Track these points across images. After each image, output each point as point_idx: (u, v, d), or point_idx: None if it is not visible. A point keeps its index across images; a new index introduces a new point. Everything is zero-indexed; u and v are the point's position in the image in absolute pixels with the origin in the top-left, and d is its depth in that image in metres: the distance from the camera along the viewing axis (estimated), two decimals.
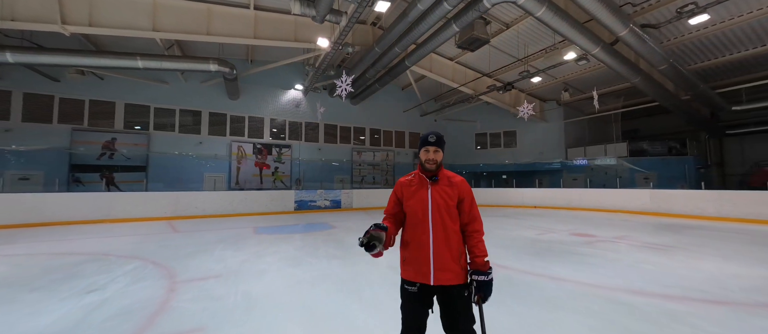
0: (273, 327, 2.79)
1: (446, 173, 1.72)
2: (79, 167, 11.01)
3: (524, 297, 3.42)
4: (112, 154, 11.50)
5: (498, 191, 15.20)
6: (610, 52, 9.11)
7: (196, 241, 6.63)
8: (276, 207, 11.83)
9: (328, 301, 3.39)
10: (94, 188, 11.01)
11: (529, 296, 3.46)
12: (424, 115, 18.95)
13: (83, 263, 4.84)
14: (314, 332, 2.72)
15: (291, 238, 7.01)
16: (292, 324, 2.86)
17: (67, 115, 11.03)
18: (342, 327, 2.81)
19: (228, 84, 12.03)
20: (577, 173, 16.23)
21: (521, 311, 3.06)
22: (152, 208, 9.88)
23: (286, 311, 3.14)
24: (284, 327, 2.80)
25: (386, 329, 2.73)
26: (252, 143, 14.14)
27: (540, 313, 3.05)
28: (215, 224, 9.21)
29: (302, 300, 3.41)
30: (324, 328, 2.78)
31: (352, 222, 9.54)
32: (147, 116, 12.28)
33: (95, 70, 10.64)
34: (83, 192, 9.49)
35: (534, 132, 17.76)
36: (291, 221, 9.93)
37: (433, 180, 1.67)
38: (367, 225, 1.66)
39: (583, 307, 3.18)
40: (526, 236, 7.13)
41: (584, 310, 3.11)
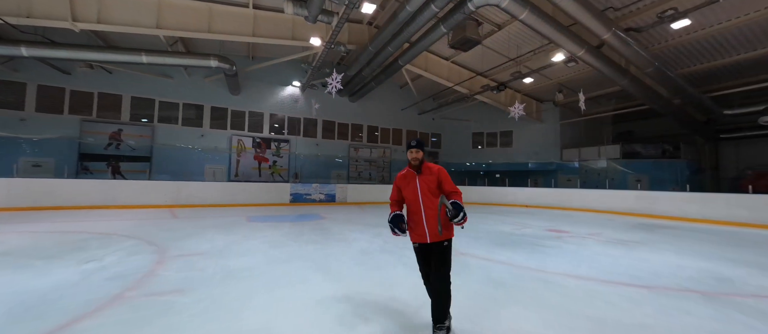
0: (242, 290, 3.23)
1: (427, 165, 2.41)
2: (88, 156, 11.66)
3: (474, 278, 3.81)
4: (118, 145, 12.13)
5: (492, 190, 15.49)
6: (596, 55, 9.34)
7: (191, 225, 7.13)
8: (272, 199, 12.34)
9: (296, 273, 3.82)
10: (101, 177, 11.65)
11: (477, 277, 3.84)
12: (421, 113, 19.26)
13: (88, 240, 5.36)
14: (276, 292, 3.16)
15: (280, 225, 7.47)
16: (259, 288, 3.30)
17: (77, 106, 11.67)
18: (300, 291, 3.24)
19: (229, 80, 12.54)
20: (572, 173, 16.41)
21: (470, 288, 3.44)
22: (155, 196, 10.46)
23: (257, 279, 3.58)
24: (252, 289, 3.24)
25: (338, 295, 3.15)
26: (252, 137, 14.67)
27: (484, 289, 3.43)
28: (213, 212, 9.73)
29: (274, 272, 3.85)
30: (286, 292, 3.21)
31: (342, 215, 9.98)
32: (152, 109, 12.87)
33: (103, 65, 11.22)
34: (91, 179, 10.11)
35: (530, 132, 17.95)
36: (285, 212, 10.41)
37: (419, 173, 2.39)
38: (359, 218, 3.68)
39: (523, 286, 3.56)
40: (501, 230, 7.46)
41: (522, 288, 3.48)
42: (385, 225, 7.88)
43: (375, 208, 12.24)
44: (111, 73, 12.19)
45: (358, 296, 3.15)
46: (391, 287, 3.37)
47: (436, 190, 2.35)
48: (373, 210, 11.52)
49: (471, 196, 15.55)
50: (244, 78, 14.06)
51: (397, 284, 3.49)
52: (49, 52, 8.44)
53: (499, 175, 17.62)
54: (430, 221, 2.29)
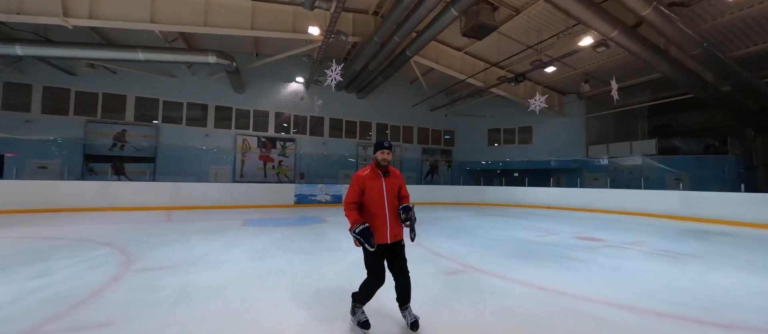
0: (188, 321, 2.55)
1: (391, 169, 2.44)
2: (93, 157, 11.59)
3: (486, 306, 2.97)
4: (123, 146, 12.01)
5: (509, 190, 14.37)
6: (633, 37, 8.14)
7: (179, 230, 6.64)
8: (276, 200, 11.84)
9: (267, 297, 3.12)
10: (106, 178, 11.54)
11: (491, 305, 3.00)
12: (433, 109, 18.33)
13: (59, 248, 4.91)
14: (229, 326, 2.46)
15: (274, 231, 6.86)
16: (211, 317, 2.61)
17: (82, 107, 11.62)
18: (264, 324, 2.52)
19: (232, 77, 12.14)
20: (599, 172, 14.99)
21: (481, 322, 2.62)
22: (154, 197, 10.17)
23: (215, 304, 2.90)
24: (201, 320, 2.56)
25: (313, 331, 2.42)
26: (257, 136, 14.27)
27: (500, 322, 2.60)
28: (210, 215, 9.30)
29: (240, 294, 3.17)
30: (245, 325, 2.51)
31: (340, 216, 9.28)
32: (156, 109, 12.70)
33: (103, 63, 11.07)
34: (92, 181, 9.95)
35: (551, 128, 16.62)
36: (286, 214, 9.84)
37: (385, 174, 2.39)
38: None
39: (550, 318, 2.69)
40: (521, 237, 6.51)
41: (549, 323, 2.62)
42: None
43: None
44: (115, 74, 12.08)
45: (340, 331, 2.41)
46: (385, 318, 2.60)
47: (399, 193, 2.46)
48: None
49: (487, 197, 14.51)
50: (247, 76, 13.67)
51: (393, 312, 2.71)
52: (44, 51, 8.25)
53: (517, 174, 16.41)
54: (392, 221, 2.36)
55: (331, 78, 7.61)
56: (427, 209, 12.01)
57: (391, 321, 2.59)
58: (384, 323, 2.56)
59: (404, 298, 2.40)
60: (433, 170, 18.42)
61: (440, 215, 10.40)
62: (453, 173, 18.92)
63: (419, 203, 14.97)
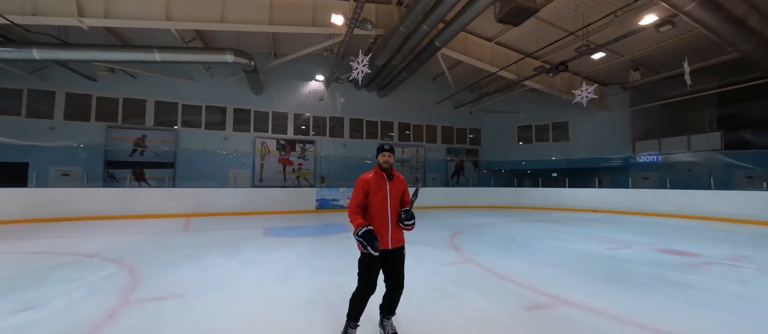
0: None
1: (396, 173, 2.44)
2: (113, 164, 11.40)
3: None
4: (143, 151, 11.77)
5: (546, 192, 13.07)
6: (712, 7, 6.84)
7: (195, 242, 6.02)
8: (297, 205, 11.20)
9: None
10: (126, 184, 11.31)
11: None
12: (458, 106, 17.25)
13: (60, 267, 4.34)
14: None
15: (298, 242, 6.12)
16: None
17: (103, 112, 11.48)
18: None
19: (249, 77, 11.65)
20: (649, 170, 13.42)
21: None
22: (174, 204, 9.75)
23: None
24: None
25: None
26: (275, 139, 13.76)
27: None
28: (230, 222, 8.74)
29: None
30: None
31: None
32: (175, 113, 12.42)
33: (117, 65, 10.82)
34: (111, 188, 9.66)
35: (591, 123, 15.15)
36: (309, 221, 9.14)
37: (390, 178, 2.36)
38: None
39: None
40: (590, 250, 5.42)
41: None
42: (434, 243, 6.27)
43: None
44: (135, 78, 11.89)
45: None
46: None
47: (402, 198, 2.40)
48: None
49: (522, 199, 13.28)
50: (266, 76, 13.18)
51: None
52: (61, 54, 7.97)
53: (556, 174, 15.03)
54: (394, 226, 2.30)
55: (357, 70, 6.83)
56: (458, 214, 10.99)
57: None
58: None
59: (390, 309, 2.33)
60: (459, 170, 17.32)
61: (476, 220, 9.36)
62: (480, 173, 17.72)
63: (447, 207, 14.05)
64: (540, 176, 15.84)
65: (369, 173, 2.36)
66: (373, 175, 2.34)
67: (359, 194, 2.28)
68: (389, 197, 2.28)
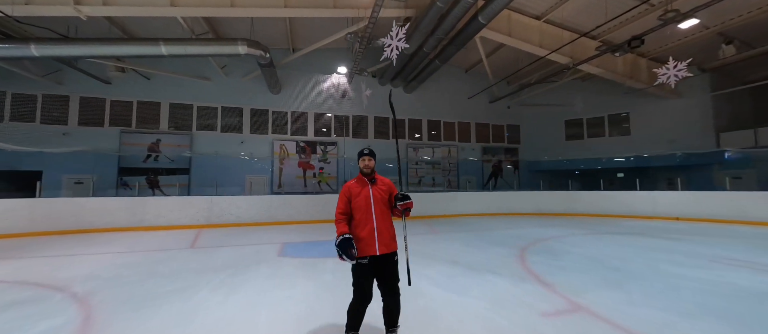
0: None
1: (378, 177, 2.40)
2: (127, 170, 10.75)
3: None
4: (157, 157, 11.06)
5: (610, 196, 10.94)
6: None
7: (196, 267, 4.81)
8: (318, 214, 9.93)
9: None
10: (140, 192, 10.60)
11: None
12: (493, 101, 15.44)
13: (4, 309, 3.22)
14: None
15: (320, 266, 4.76)
16: None
17: (117, 117, 10.91)
18: None
19: (266, 74, 10.62)
20: (741, 167, 10.94)
21: None
22: (185, 214, 8.80)
23: None
24: None
25: None
26: (295, 141, 12.67)
27: None
28: (244, 235, 7.60)
29: None
30: None
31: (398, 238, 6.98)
32: (190, 116, 11.65)
33: (120, 61, 10.13)
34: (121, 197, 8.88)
35: (658, 113, 12.83)
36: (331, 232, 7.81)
37: (372, 182, 2.34)
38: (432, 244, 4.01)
39: None
40: (745, 285, 3.61)
41: None
42: (502, 269, 4.68)
43: (448, 224, 9.01)
44: (149, 80, 11.26)
45: None
46: None
47: (388, 201, 2.33)
48: (447, 229, 8.31)
49: (579, 205, 11.24)
50: (283, 73, 12.17)
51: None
52: (59, 49, 7.23)
53: (622, 174, 12.81)
54: (381, 230, 2.22)
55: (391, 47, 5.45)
56: (505, 223, 9.24)
57: None
58: None
59: (391, 320, 2.25)
60: (497, 173, 15.44)
61: (534, 232, 7.60)
62: (521, 175, 15.74)
63: (487, 214, 12.24)
64: (595, 176, 13.63)
65: (352, 180, 2.40)
66: (355, 181, 2.38)
67: (342, 201, 2.30)
68: (372, 202, 2.25)
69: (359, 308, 2.16)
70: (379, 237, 2.18)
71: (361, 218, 2.22)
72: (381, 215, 2.23)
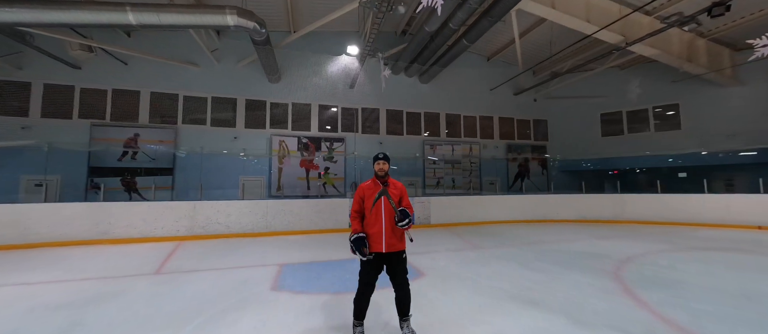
0: None
1: (391, 180, 2.54)
2: (99, 170, 9.13)
3: None
4: (135, 154, 9.45)
5: (669, 200, 9.22)
6: None
7: (147, 314, 3.16)
8: (324, 223, 8.28)
9: None
10: (114, 196, 9.00)
11: None
12: (518, 93, 13.80)
13: None
14: None
15: (334, 304, 3.11)
16: None
17: (88, 108, 9.32)
18: None
19: (263, 57, 9.02)
20: None
21: None
22: (162, 223, 7.17)
23: None
24: None
25: None
26: (296, 137, 11.05)
27: None
28: (232, 251, 5.96)
29: None
30: None
31: (436, 256, 5.32)
32: (175, 107, 10.05)
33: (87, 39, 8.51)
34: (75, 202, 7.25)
35: (714, 103, 11.14)
36: (342, 247, 6.17)
37: (385, 185, 2.48)
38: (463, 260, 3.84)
39: None
40: None
41: None
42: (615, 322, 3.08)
43: (482, 234, 7.33)
44: (127, 65, 9.68)
45: None
46: None
47: (399, 204, 2.45)
48: (486, 241, 6.63)
49: (628, 210, 9.54)
50: (284, 58, 10.58)
51: None
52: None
53: (685, 173, 11.08)
54: (388, 231, 2.36)
55: None
56: (552, 233, 7.55)
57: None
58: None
59: (403, 310, 2.41)
60: (523, 173, 13.75)
61: (604, 247, 5.91)
62: (549, 176, 14.05)
63: (520, 221, 10.44)
64: (637, 176, 11.94)
65: (367, 181, 2.56)
66: (370, 183, 2.53)
67: (356, 200, 2.49)
68: (383, 205, 2.39)
69: (363, 298, 2.37)
70: (387, 237, 2.36)
71: (371, 218, 2.41)
72: (390, 217, 2.37)
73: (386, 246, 2.34)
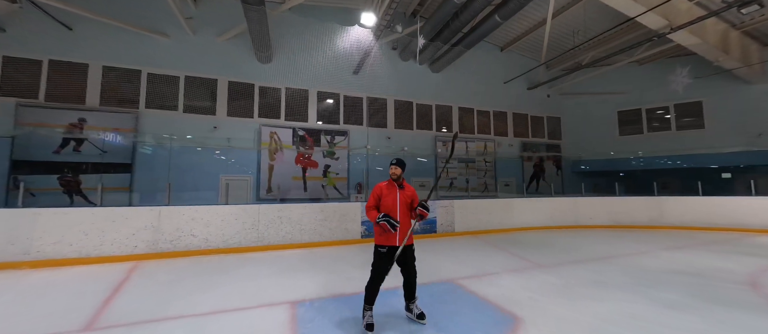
0: None
1: (406, 183, 2.88)
2: (27, 165, 6.89)
3: None
4: (79, 145, 7.27)
5: (709, 203, 8.37)
6: None
7: None
8: (332, 233, 6.59)
9: None
10: (49, 199, 6.81)
11: None
12: (532, 87, 12.79)
13: None
14: None
15: None
16: None
17: (14, 82, 7.06)
18: None
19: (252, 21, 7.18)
20: None
21: None
22: (113, 237, 5.20)
23: None
24: None
25: None
26: (291, 128, 9.25)
27: None
28: (211, 278, 4.19)
29: None
30: None
31: (496, 278, 3.87)
32: (136, 87, 7.96)
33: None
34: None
35: (740, 101, 10.61)
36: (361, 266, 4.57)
37: (400, 187, 2.82)
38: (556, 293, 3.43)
39: None
40: None
41: None
42: None
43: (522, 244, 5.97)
44: (72, 30, 7.52)
45: None
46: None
47: (411, 205, 2.80)
48: (536, 254, 5.26)
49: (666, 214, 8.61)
50: (278, 33, 8.82)
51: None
52: None
53: (730, 175, 10.35)
54: (403, 230, 2.69)
55: None
56: (602, 241, 6.34)
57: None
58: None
59: (410, 294, 2.77)
60: (539, 173, 12.71)
61: (676, 259, 4.72)
62: (565, 176, 13.11)
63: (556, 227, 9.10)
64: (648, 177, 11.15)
65: (383, 182, 2.87)
66: (386, 184, 2.84)
67: (373, 197, 2.79)
68: (399, 203, 2.73)
69: (375, 286, 2.63)
70: (401, 234, 2.68)
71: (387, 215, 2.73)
72: (404, 216, 2.75)
73: (400, 241, 2.65)
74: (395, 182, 2.79)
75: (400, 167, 2.81)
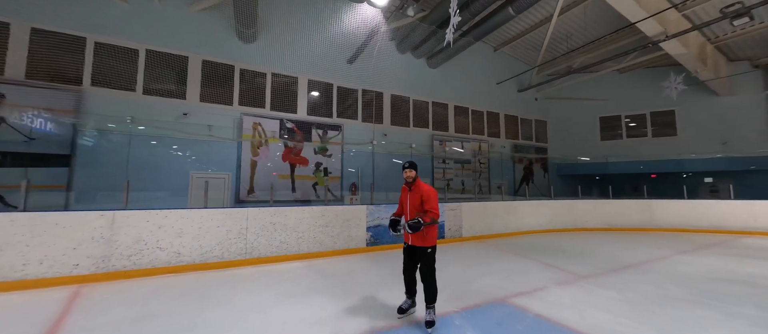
0: None
1: (420, 184, 2.85)
2: None
3: None
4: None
5: (695, 206, 8.76)
6: None
7: None
8: (333, 242, 5.63)
9: None
10: None
11: None
12: (522, 90, 12.82)
13: None
14: None
15: None
16: None
17: None
18: None
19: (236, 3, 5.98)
20: None
21: None
22: (44, 252, 3.79)
23: None
24: None
25: None
26: (278, 119, 8.06)
27: None
28: (196, 309, 3.09)
29: None
30: None
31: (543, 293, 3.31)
32: (79, 60, 6.30)
33: None
34: None
35: (707, 111, 11.46)
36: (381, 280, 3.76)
37: (410, 189, 2.86)
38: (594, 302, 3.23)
39: None
40: None
41: None
42: None
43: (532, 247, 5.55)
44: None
45: None
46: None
47: (420, 206, 2.76)
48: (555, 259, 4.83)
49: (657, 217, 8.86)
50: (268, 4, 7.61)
51: None
52: None
53: (712, 179, 10.92)
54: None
55: None
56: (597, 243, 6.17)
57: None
58: None
59: (426, 298, 2.72)
60: (529, 175, 12.72)
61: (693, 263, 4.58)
62: (551, 178, 13.30)
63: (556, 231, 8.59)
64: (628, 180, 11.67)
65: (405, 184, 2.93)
66: (404, 185, 2.93)
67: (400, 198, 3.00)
68: (408, 203, 2.83)
69: (404, 275, 2.94)
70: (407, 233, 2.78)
71: (400, 214, 2.99)
72: (412, 216, 2.76)
73: (411, 240, 2.77)
74: (408, 184, 2.86)
75: (410, 170, 2.84)
